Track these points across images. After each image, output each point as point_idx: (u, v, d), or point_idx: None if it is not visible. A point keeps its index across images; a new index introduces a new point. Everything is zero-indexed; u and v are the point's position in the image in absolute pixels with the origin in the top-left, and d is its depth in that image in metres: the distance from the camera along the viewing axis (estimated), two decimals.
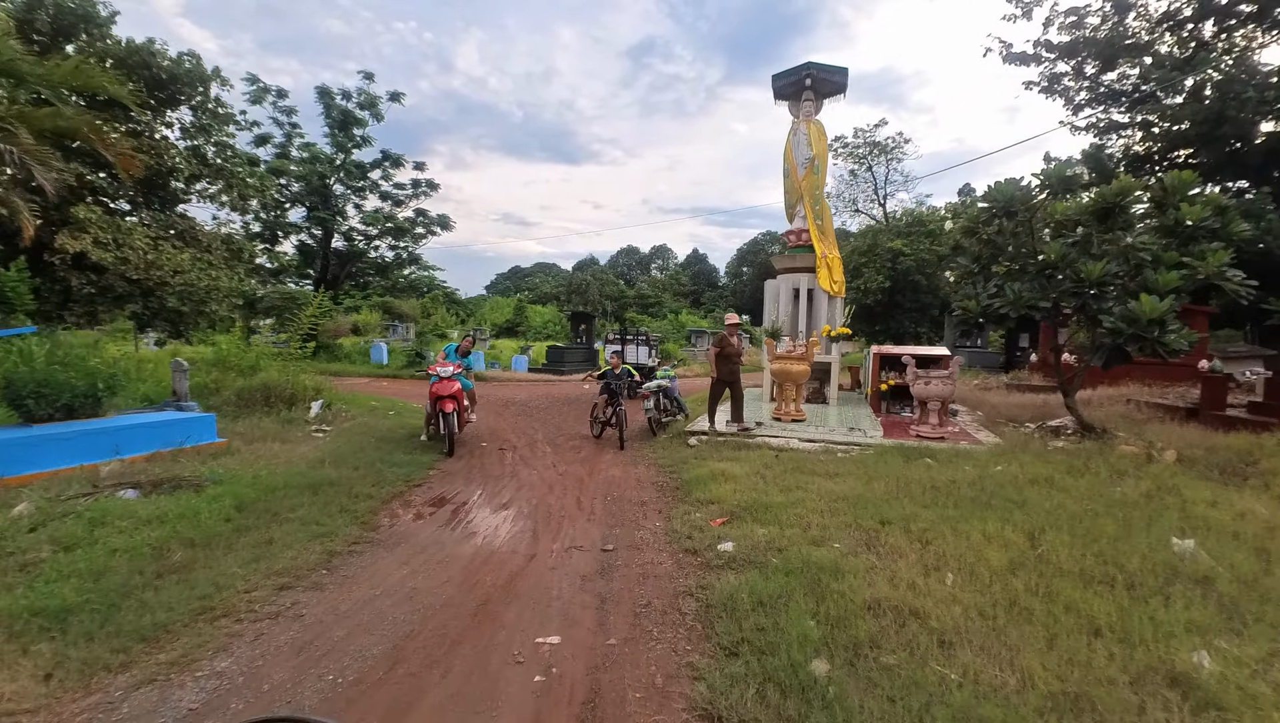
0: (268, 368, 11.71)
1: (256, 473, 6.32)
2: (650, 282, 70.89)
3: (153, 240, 14.99)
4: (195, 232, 16.80)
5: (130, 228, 14.69)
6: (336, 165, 25.36)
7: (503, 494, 6.24)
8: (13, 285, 12.39)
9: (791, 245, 13.09)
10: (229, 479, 6.02)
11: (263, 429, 9.28)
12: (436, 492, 6.27)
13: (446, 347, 9.12)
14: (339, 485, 6.02)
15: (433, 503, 5.88)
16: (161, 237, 15.41)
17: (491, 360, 25.04)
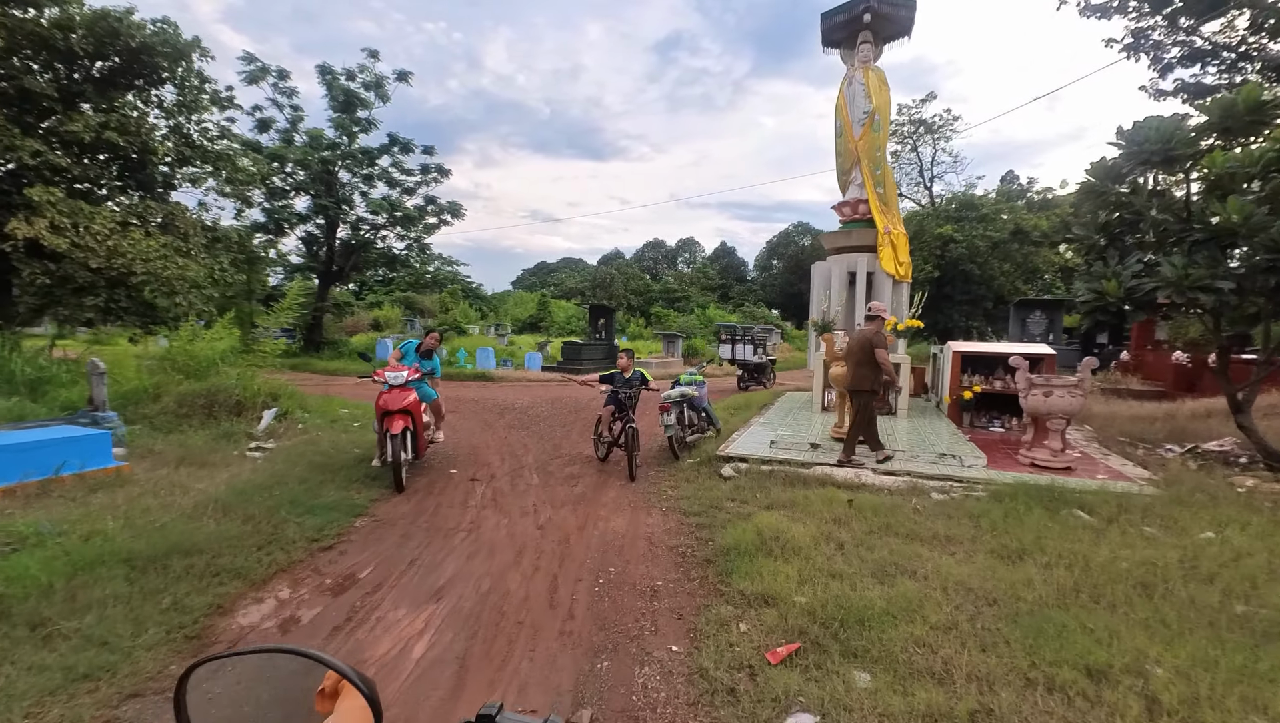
0: (225, 370, 9.91)
1: (99, 529, 4.37)
2: (677, 276, 68.56)
3: (120, 225, 13.36)
4: (175, 218, 15.19)
5: (92, 212, 13.06)
6: (340, 151, 23.71)
7: (444, 567, 4.17)
8: None
9: (845, 220, 10.78)
10: (48, 540, 4.09)
11: (189, 447, 7.45)
12: (346, 564, 4.24)
13: (403, 345, 7.09)
14: (202, 553, 4.02)
15: (327, 590, 3.83)
16: (130, 223, 13.79)
17: (504, 358, 23.19)
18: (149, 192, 15.77)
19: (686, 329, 34.20)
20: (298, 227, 24.76)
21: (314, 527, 4.79)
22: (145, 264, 13.07)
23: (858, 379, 6.52)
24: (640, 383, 7.00)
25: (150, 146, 14.18)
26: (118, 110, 13.39)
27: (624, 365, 7.11)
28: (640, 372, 7.10)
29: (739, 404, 11.03)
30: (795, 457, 6.66)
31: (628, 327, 45.66)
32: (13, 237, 11.68)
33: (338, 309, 39.08)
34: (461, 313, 43.27)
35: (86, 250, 12.54)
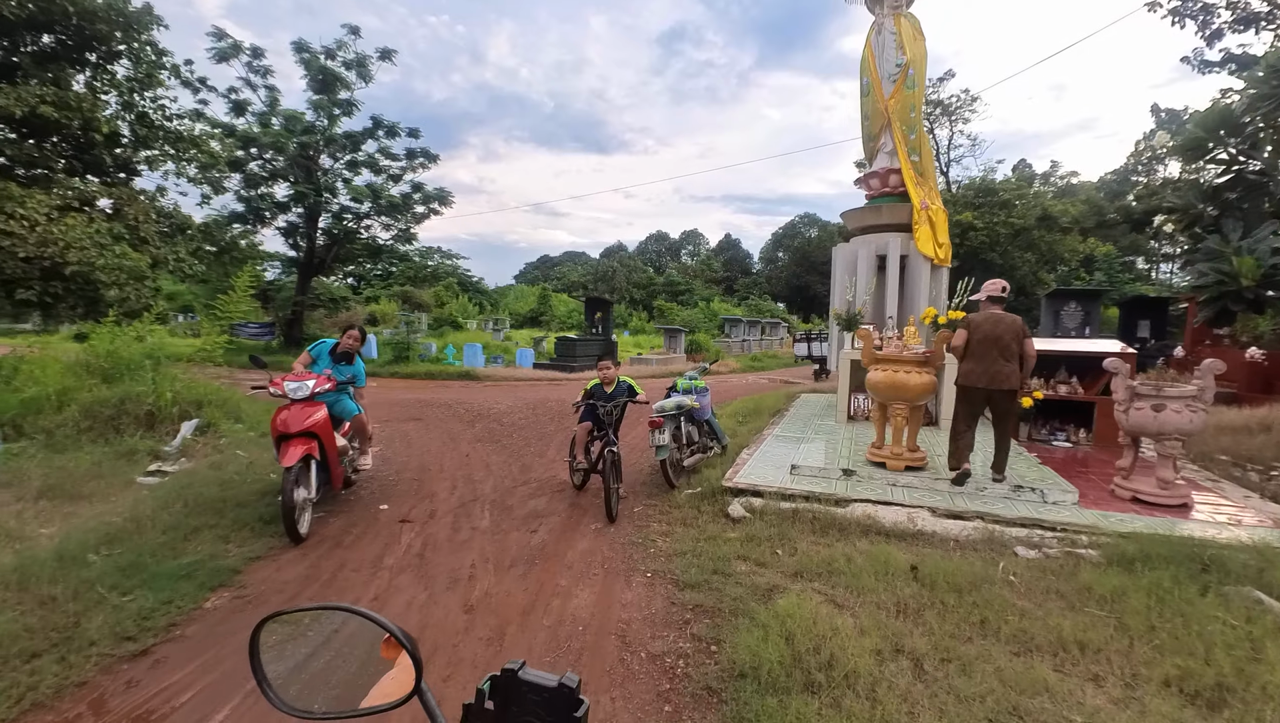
0: (146, 373, 8.43)
1: None
2: (680, 268, 66.92)
3: (59, 210, 11.93)
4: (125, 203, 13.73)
5: (23, 195, 11.62)
6: (320, 134, 22.21)
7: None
8: None
9: (874, 194, 9.20)
10: None
11: (70, 471, 6.01)
12: (151, 689, 2.75)
13: (315, 346, 5.54)
14: None
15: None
16: (72, 207, 12.35)
17: (495, 354, 21.74)
18: (103, 175, 14.37)
19: (690, 323, 32.63)
20: (278, 216, 23.31)
21: (138, 612, 3.30)
22: (79, 252, 11.63)
23: (1001, 377, 5.14)
24: (626, 396, 5.47)
25: (94, 125, 12.70)
26: (55, 85, 11.91)
27: (606, 376, 5.57)
28: (627, 383, 5.61)
29: (748, 410, 9.49)
30: (825, 490, 5.13)
31: (630, 320, 44.12)
32: None
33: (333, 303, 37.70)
34: (459, 307, 41.82)
35: (13, 237, 11.10)
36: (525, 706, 0.71)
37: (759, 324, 33.15)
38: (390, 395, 12.53)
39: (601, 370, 5.57)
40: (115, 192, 13.93)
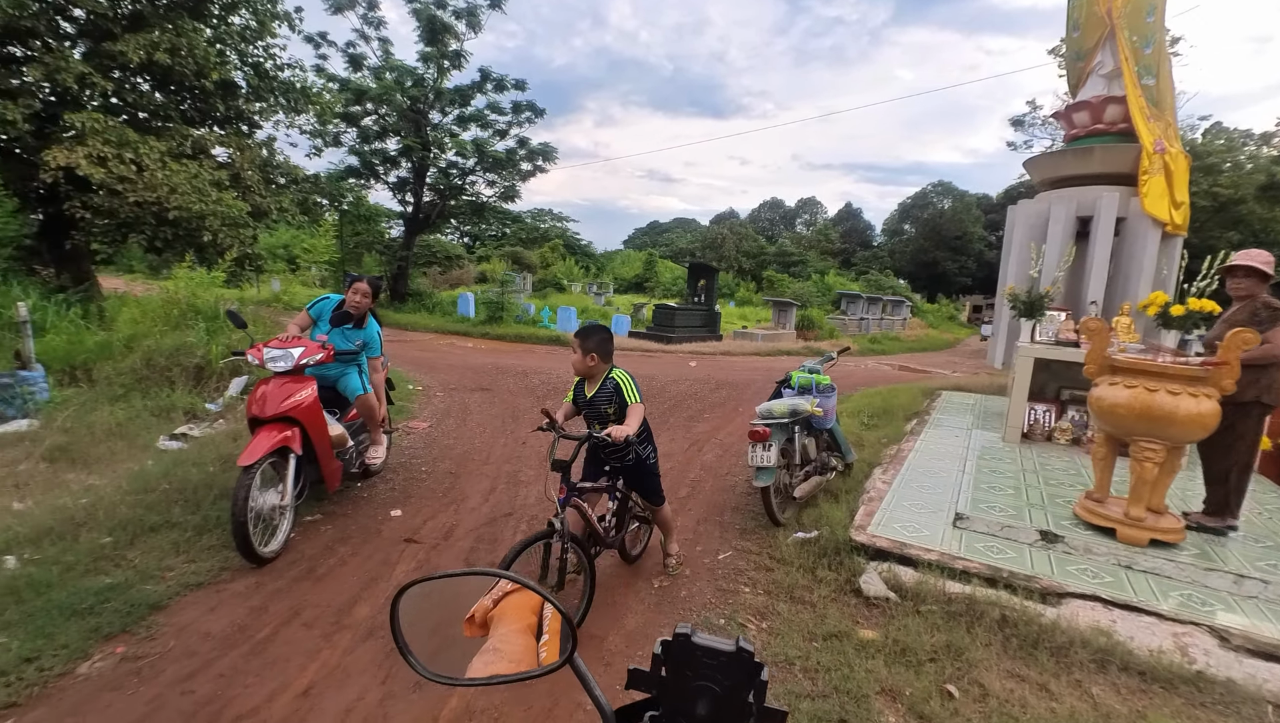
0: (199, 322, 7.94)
1: None
2: (794, 238, 63.00)
3: (171, 157, 12.01)
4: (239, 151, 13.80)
5: (137, 142, 11.72)
6: (430, 87, 21.84)
7: None
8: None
9: (1077, 134, 6.80)
10: None
11: (95, 428, 5.43)
12: None
13: (315, 304, 4.29)
14: None
15: None
16: (183, 155, 12.43)
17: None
18: (222, 125, 14.57)
19: (802, 296, 29.93)
20: (389, 172, 23.48)
21: None
22: (180, 197, 11.60)
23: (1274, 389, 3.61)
24: (612, 402, 3.11)
25: (204, 70, 12.56)
26: (171, 32, 11.80)
27: (583, 367, 3.15)
28: (617, 381, 3.11)
29: (874, 408, 7.54)
30: (1018, 567, 3.33)
31: (736, 290, 41.88)
32: (49, 165, 10.44)
33: (447, 260, 38.56)
34: (565, 269, 41.52)
35: (125, 181, 11.18)
36: (699, 670, 0.68)
37: (879, 301, 29.85)
38: (468, 358, 11.72)
39: (575, 357, 3.15)
40: (230, 141, 13.99)
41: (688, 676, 0.68)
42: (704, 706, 0.67)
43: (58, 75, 10.32)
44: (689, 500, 4.69)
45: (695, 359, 13.63)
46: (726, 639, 0.67)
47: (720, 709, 0.67)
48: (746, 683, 0.66)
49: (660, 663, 0.69)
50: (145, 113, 12.63)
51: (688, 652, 0.67)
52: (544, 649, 0.83)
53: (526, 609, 0.85)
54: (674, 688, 0.69)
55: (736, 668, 0.66)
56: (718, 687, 0.66)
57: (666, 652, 0.69)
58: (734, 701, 0.66)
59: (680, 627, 0.68)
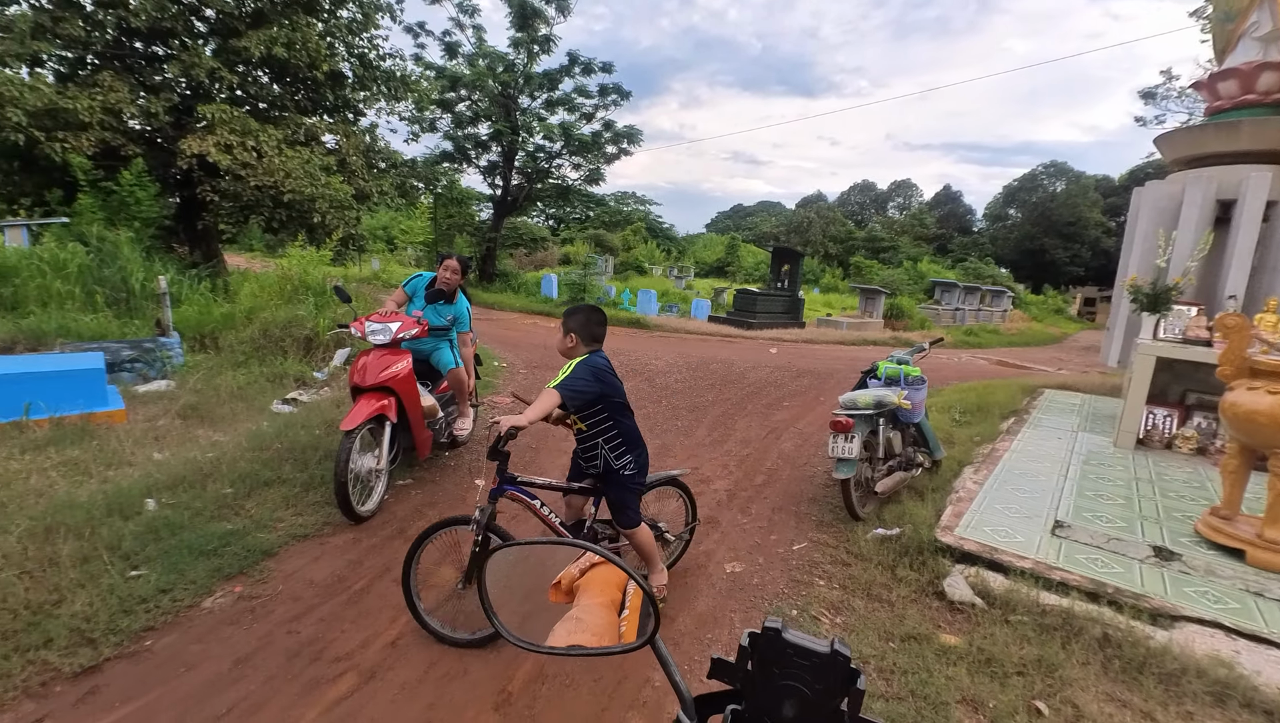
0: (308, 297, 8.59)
1: None
2: (885, 222, 60.07)
3: (287, 144, 13.00)
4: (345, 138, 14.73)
5: (257, 130, 12.76)
6: (519, 72, 22.35)
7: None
8: (130, 189, 10.97)
9: (1223, 105, 6.05)
10: None
11: (220, 390, 6.03)
12: None
13: (410, 281, 4.60)
14: None
15: None
16: (299, 142, 13.41)
17: (670, 303, 20.70)
18: (330, 113, 15.54)
19: (891, 284, 28.56)
20: (481, 156, 24.30)
21: (125, 600, 2.61)
22: (294, 181, 12.51)
23: None
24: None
25: (316, 62, 13.41)
26: (288, 27, 12.68)
27: (564, 349, 2.83)
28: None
29: (968, 405, 7.12)
30: (1125, 583, 3.07)
31: (821, 276, 40.57)
32: (185, 153, 11.54)
33: (533, 242, 39.60)
34: (646, 252, 41.61)
35: (248, 167, 12.20)
36: (789, 669, 0.64)
37: (977, 291, 28.01)
38: (550, 338, 12.01)
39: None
40: (338, 128, 14.89)
41: (775, 673, 0.65)
42: (791, 707, 0.64)
43: (192, 71, 11.32)
44: (764, 488, 4.63)
45: (776, 346, 13.35)
46: (820, 640, 0.64)
47: (808, 713, 0.63)
48: (839, 690, 0.62)
49: (747, 656, 0.66)
50: (264, 103, 13.65)
51: (777, 648, 0.64)
52: (624, 624, 0.83)
53: (611, 584, 0.86)
54: (760, 684, 0.66)
55: (829, 672, 0.62)
56: (807, 689, 0.63)
57: (754, 645, 0.66)
58: (824, 706, 0.63)
59: (770, 620, 0.66)
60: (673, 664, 0.73)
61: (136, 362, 6.51)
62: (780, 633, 0.64)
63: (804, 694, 0.63)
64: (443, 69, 21.97)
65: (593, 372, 2.64)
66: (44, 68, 11.39)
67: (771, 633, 0.65)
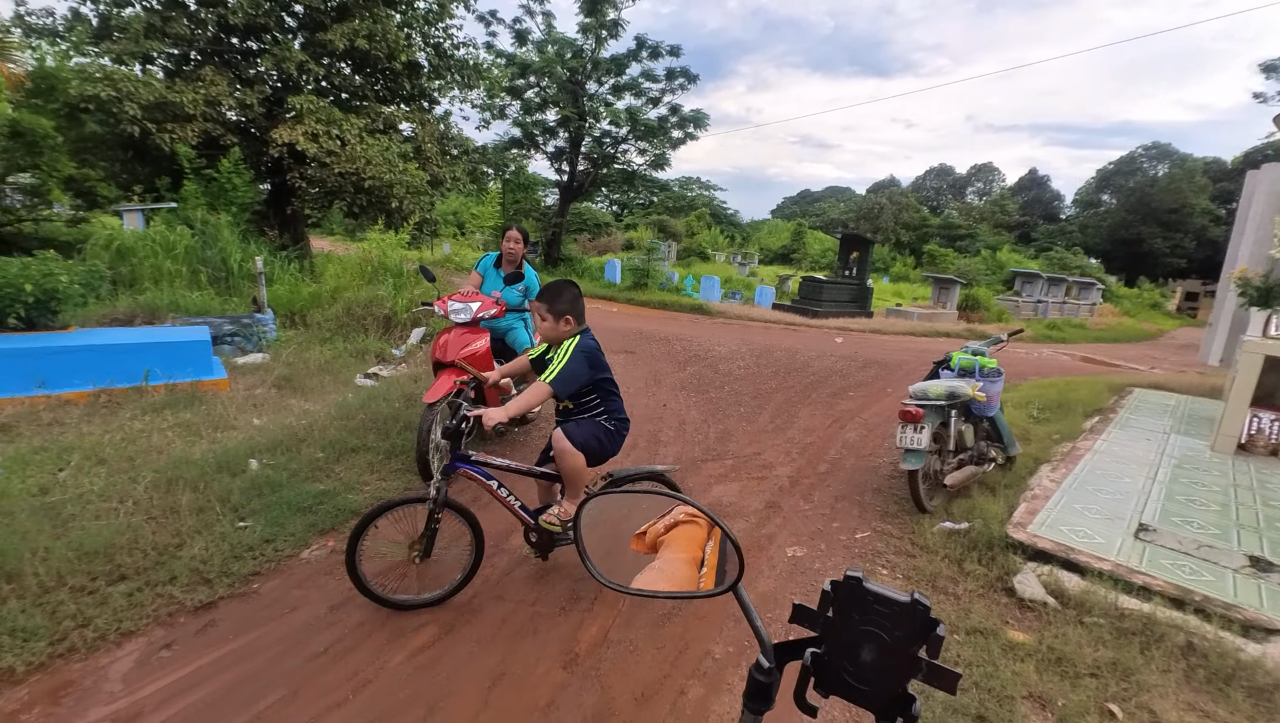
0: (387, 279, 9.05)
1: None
2: (963, 209, 57.20)
3: (368, 132, 13.66)
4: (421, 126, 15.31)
5: (341, 119, 13.45)
6: (587, 58, 22.49)
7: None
8: (228, 176, 11.84)
9: None
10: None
11: (309, 363, 6.48)
12: (183, 663, 2.23)
13: (481, 262, 4.80)
14: None
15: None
16: (376, 130, 14.05)
17: (733, 290, 20.53)
18: (407, 102, 16.12)
19: (967, 273, 27.23)
20: (548, 142, 24.67)
21: (235, 547, 2.91)
22: (374, 168, 13.10)
23: None
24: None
25: (394, 53, 13.95)
26: (369, 19, 13.26)
27: (556, 334, 2.79)
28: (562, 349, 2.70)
29: (1048, 401, 6.78)
30: (1215, 592, 2.90)
31: (891, 265, 39.20)
32: (276, 142, 12.27)
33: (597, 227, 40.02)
34: (710, 238, 41.30)
35: (333, 155, 12.86)
36: (869, 616, 0.67)
37: (1063, 283, 26.33)
38: (615, 322, 12.19)
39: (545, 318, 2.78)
40: (414, 116, 15.46)
41: (855, 619, 0.68)
42: (869, 652, 0.67)
43: (283, 64, 11.98)
44: (828, 476, 4.60)
45: (842, 335, 13.05)
46: (900, 591, 0.67)
47: (886, 657, 0.66)
48: (918, 637, 0.65)
49: (829, 602, 0.69)
50: (347, 93, 14.31)
51: (857, 596, 0.67)
52: (703, 581, 0.88)
53: (694, 542, 0.91)
54: (839, 629, 0.69)
55: (908, 620, 0.65)
56: (886, 635, 0.66)
57: (836, 592, 0.69)
58: (901, 653, 0.66)
59: (851, 571, 0.69)
60: (754, 611, 0.78)
61: (235, 335, 7.05)
62: (861, 582, 0.67)
63: (882, 640, 0.66)
64: (513, 56, 22.35)
65: (587, 359, 2.63)
66: (154, 64, 12.34)
67: (853, 582, 0.68)
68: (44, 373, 4.96)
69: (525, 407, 2.56)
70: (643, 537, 0.94)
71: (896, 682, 0.66)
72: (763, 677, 0.73)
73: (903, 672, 0.66)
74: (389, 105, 15.04)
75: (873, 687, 0.68)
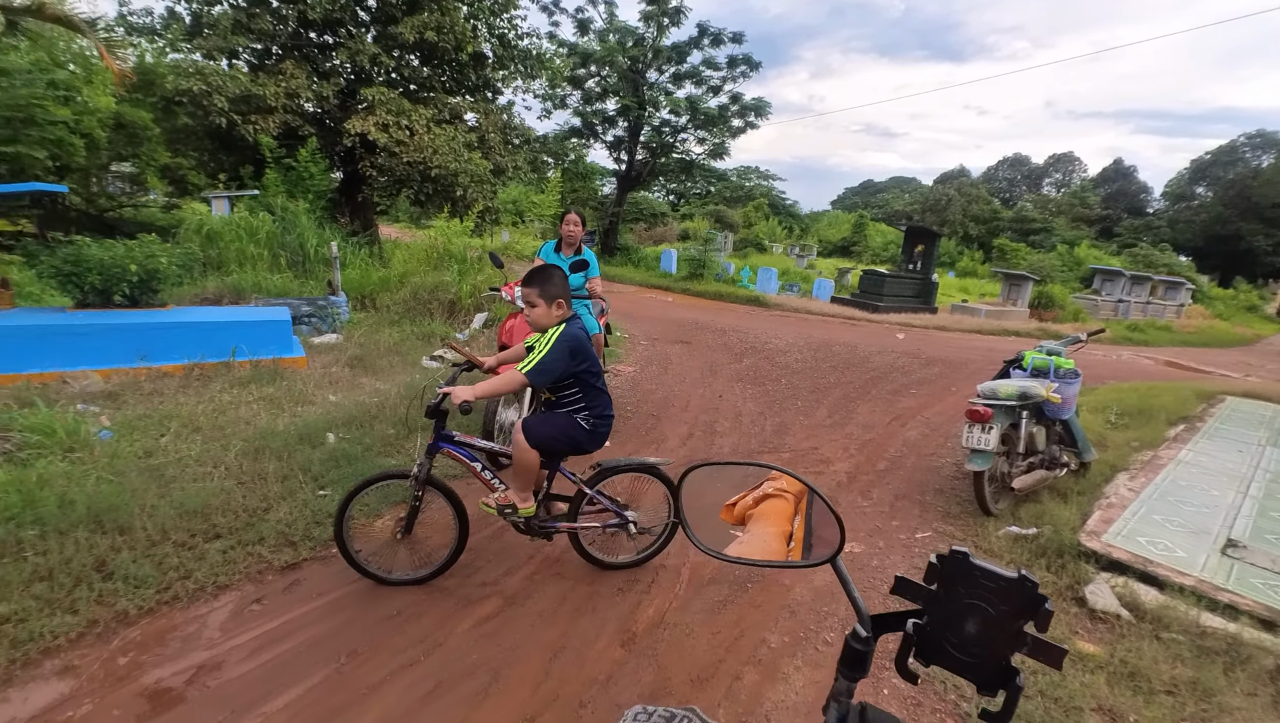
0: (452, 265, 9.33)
1: (143, 448, 3.45)
2: (1039, 201, 54.22)
3: (435, 123, 14.08)
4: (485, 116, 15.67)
5: (410, 110, 13.89)
6: (649, 46, 22.41)
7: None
8: (305, 165, 12.46)
9: None
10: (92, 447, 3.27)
11: (379, 345, 6.79)
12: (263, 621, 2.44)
13: (541, 250, 4.91)
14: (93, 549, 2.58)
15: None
16: (443, 120, 14.46)
17: (791, 282, 20.19)
18: (472, 93, 16.49)
19: (1041, 270, 25.87)
20: (608, 131, 24.74)
21: (316, 514, 3.12)
22: (441, 158, 13.47)
23: None
24: None
25: (461, 44, 14.27)
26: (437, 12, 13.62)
27: (550, 320, 2.61)
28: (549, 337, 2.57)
29: (1129, 407, 6.42)
30: None
31: (958, 259, 37.64)
32: (349, 132, 12.79)
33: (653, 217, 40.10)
34: (767, 229, 40.66)
35: (402, 145, 13.31)
36: (974, 590, 0.68)
37: (1147, 281, 24.63)
38: (669, 312, 12.22)
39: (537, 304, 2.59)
40: (478, 107, 15.80)
41: (960, 592, 0.69)
42: (973, 625, 0.69)
43: (357, 57, 12.44)
44: (887, 474, 4.51)
45: (903, 331, 12.67)
46: (1007, 568, 0.68)
47: (989, 631, 0.68)
48: (1024, 612, 0.66)
49: (935, 575, 0.71)
50: (415, 85, 14.73)
51: (964, 570, 0.69)
52: (790, 553, 0.92)
53: (783, 516, 0.94)
54: (944, 601, 0.71)
55: (1015, 596, 0.66)
56: (991, 609, 0.67)
57: (941, 565, 0.71)
58: (1006, 627, 0.67)
59: (957, 546, 0.71)
60: (851, 583, 0.80)
61: (312, 316, 7.44)
62: (968, 557, 0.69)
63: (987, 614, 0.68)
64: (575, 46, 22.48)
65: (569, 349, 2.51)
66: (239, 59, 13.04)
67: (959, 557, 0.70)
68: (145, 347, 5.38)
69: (494, 391, 2.52)
70: (731, 508, 0.96)
71: (1000, 654, 0.68)
72: (859, 645, 0.75)
73: (1007, 645, 0.67)
74: (455, 96, 15.39)
75: (976, 658, 0.69)
